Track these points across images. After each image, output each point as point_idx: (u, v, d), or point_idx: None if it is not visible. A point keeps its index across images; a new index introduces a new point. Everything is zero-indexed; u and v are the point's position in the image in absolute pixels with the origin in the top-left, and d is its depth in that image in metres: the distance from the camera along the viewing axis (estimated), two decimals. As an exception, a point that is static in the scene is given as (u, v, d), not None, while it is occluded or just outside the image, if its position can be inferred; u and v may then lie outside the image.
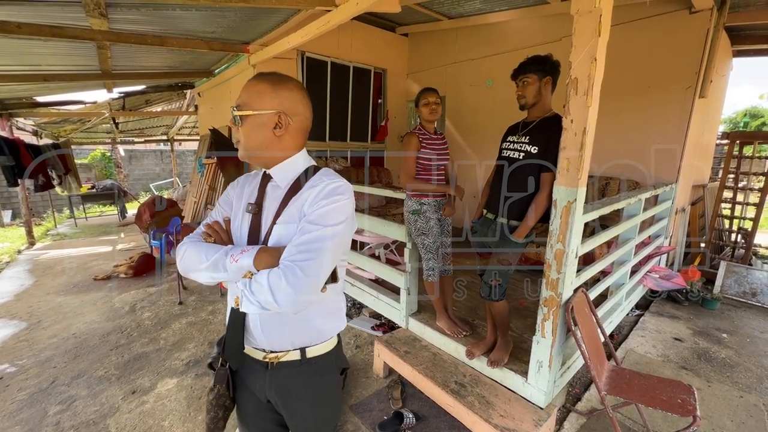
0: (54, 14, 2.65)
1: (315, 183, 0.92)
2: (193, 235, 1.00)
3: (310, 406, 1.02)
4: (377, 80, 5.45)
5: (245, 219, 0.98)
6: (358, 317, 3.31)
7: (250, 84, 0.93)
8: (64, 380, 2.51)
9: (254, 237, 0.95)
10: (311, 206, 0.88)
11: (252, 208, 0.96)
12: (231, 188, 1.06)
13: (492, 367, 2.02)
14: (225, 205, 1.04)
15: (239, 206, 1.01)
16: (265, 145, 0.93)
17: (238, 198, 1.02)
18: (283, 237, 0.90)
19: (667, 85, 3.31)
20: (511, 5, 3.93)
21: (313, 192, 0.89)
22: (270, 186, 0.98)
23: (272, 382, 0.99)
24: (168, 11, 2.83)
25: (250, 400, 1.05)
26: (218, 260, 0.88)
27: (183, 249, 0.95)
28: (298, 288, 0.80)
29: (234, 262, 0.86)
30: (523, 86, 1.84)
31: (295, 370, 0.98)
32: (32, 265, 5.15)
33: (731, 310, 3.49)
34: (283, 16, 3.35)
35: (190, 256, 0.93)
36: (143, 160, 12.26)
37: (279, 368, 0.98)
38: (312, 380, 1.00)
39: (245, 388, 1.04)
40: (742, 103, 61.32)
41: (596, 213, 2.02)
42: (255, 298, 0.83)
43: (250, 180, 1.05)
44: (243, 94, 0.92)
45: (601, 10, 1.39)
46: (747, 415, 2.12)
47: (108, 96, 5.35)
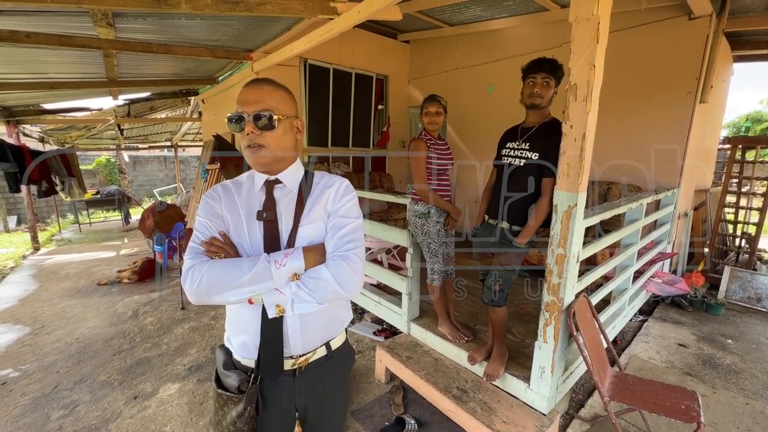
0: (62, 24, 2.70)
1: (328, 183, 1.02)
2: (195, 255, 0.91)
3: (336, 400, 1.09)
4: (379, 86, 5.50)
5: (254, 227, 0.95)
6: (359, 323, 3.31)
7: (268, 89, 0.92)
8: (66, 385, 2.52)
9: (273, 243, 0.94)
10: (336, 203, 0.98)
11: (268, 215, 0.95)
12: (213, 201, 0.97)
13: (488, 380, 2.01)
14: (216, 219, 0.96)
15: (238, 217, 0.96)
16: (291, 147, 0.98)
17: (231, 210, 0.97)
18: (313, 235, 0.96)
19: (667, 91, 3.32)
20: (512, 12, 3.97)
21: (332, 190, 0.99)
22: (278, 191, 0.98)
23: (301, 387, 1.00)
24: (173, 20, 2.89)
25: (272, 418, 1.00)
26: (261, 270, 0.85)
27: (200, 272, 0.87)
28: (360, 272, 0.93)
29: (282, 267, 0.86)
30: (543, 86, 1.75)
31: (322, 367, 1.02)
32: (37, 270, 5.19)
33: (736, 315, 3.46)
34: (286, 25, 3.40)
35: (217, 277, 0.86)
36: (147, 166, 12.35)
37: (307, 370, 1.00)
38: (337, 372, 1.07)
39: (267, 405, 0.99)
40: (743, 108, 61.06)
41: (597, 218, 2.02)
42: (314, 295, 0.89)
43: (240, 190, 1.00)
44: (268, 99, 0.91)
45: (599, 17, 1.41)
46: (753, 422, 2.10)
47: (113, 103, 5.44)
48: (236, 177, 1.04)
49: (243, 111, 0.90)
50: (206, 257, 0.91)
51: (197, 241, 0.94)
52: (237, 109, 0.92)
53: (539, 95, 1.76)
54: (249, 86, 0.93)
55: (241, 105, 0.91)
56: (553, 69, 1.75)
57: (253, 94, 0.91)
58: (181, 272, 4.05)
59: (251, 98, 0.91)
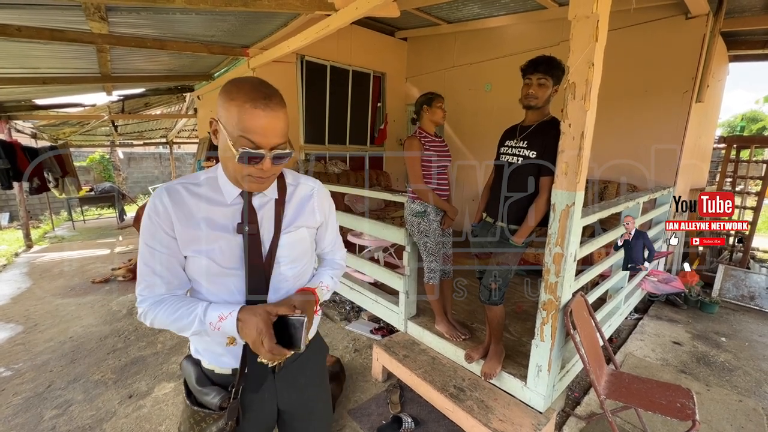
0: (54, 17, 2.65)
1: (306, 189, 1.00)
2: (143, 297, 0.85)
3: (319, 386, 1.11)
4: (376, 84, 5.47)
5: (226, 240, 0.86)
6: (356, 321, 3.30)
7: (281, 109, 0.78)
8: (60, 384, 2.49)
9: (256, 256, 0.88)
10: (323, 204, 1.03)
11: (251, 229, 0.86)
12: (158, 218, 0.82)
13: (485, 379, 2.02)
14: (170, 245, 0.83)
15: (198, 230, 0.84)
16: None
17: (188, 221, 0.84)
18: (294, 242, 0.94)
19: (664, 90, 3.33)
20: (510, 10, 3.96)
21: (316, 192, 1.01)
22: (257, 199, 0.89)
23: (283, 383, 0.99)
24: (168, 15, 2.85)
25: (252, 422, 0.96)
26: (199, 329, 0.83)
27: (152, 316, 0.84)
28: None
29: (215, 330, 0.82)
30: (538, 86, 1.74)
31: (299, 359, 1.02)
32: (29, 268, 5.12)
33: (729, 313, 3.50)
34: (282, 20, 3.37)
35: (169, 324, 0.84)
36: (142, 162, 12.24)
37: (285, 365, 0.98)
38: (313, 362, 1.08)
39: (246, 412, 0.95)
40: (736, 107, 61.51)
41: (594, 216, 2.03)
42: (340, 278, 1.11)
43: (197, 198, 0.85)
44: (283, 125, 0.79)
45: (598, 15, 1.40)
46: (746, 419, 2.12)
47: (107, 99, 5.37)
48: (189, 176, 0.90)
49: (260, 146, 0.76)
50: (155, 294, 0.85)
51: (144, 272, 0.84)
52: (250, 138, 0.75)
53: (534, 96, 1.76)
54: (259, 105, 0.74)
55: (257, 135, 0.75)
56: (549, 68, 1.72)
57: (270, 119, 0.76)
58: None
59: (269, 126, 0.76)
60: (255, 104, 0.74)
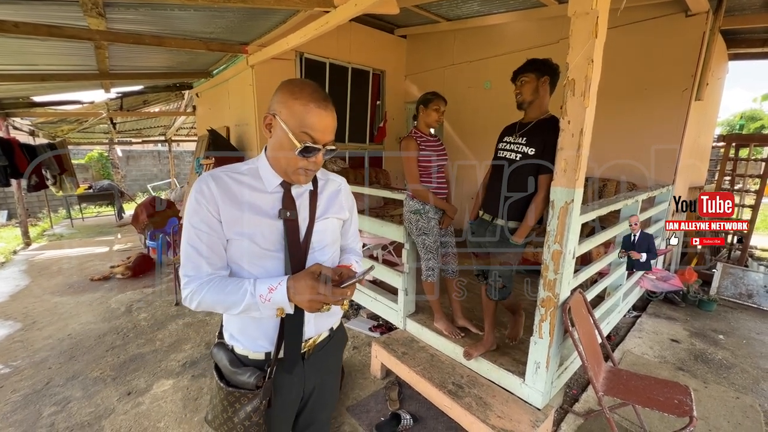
0: (51, 13, 2.64)
1: (334, 184, 1.10)
2: (189, 278, 0.89)
3: (334, 372, 1.16)
4: (375, 81, 5.45)
5: (267, 224, 0.92)
6: (355, 318, 3.30)
7: (332, 116, 0.89)
8: (58, 381, 2.49)
9: (295, 240, 0.95)
10: (348, 200, 1.13)
11: (291, 214, 0.95)
12: (205, 201, 0.87)
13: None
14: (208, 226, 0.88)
15: (241, 213, 0.90)
16: None
17: (232, 204, 0.89)
18: (326, 230, 1.03)
19: (663, 88, 3.32)
20: (509, 8, 3.95)
21: (343, 188, 1.11)
22: (295, 189, 0.98)
23: (310, 368, 1.04)
24: (166, 11, 2.83)
25: (280, 405, 1.00)
26: (249, 305, 0.88)
27: (198, 296, 0.87)
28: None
29: (266, 302, 0.88)
30: (520, 85, 1.87)
31: (326, 346, 1.08)
32: (28, 265, 5.12)
33: (727, 311, 3.51)
34: (281, 17, 3.35)
35: (216, 305, 0.89)
36: (141, 160, 12.21)
37: (314, 352, 1.05)
38: (336, 350, 1.14)
39: (277, 394, 0.99)
40: (735, 106, 61.64)
41: (593, 214, 2.02)
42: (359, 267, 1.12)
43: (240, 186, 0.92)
44: (334, 127, 0.90)
45: (597, 12, 1.39)
46: (743, 416, 2.13)
47: (105, 96, 5.33)
48: (229, 166, 0.96)
49: (318, 141, 0.87)
50: (202, 275, 0.88)
51: (191, 253, 0.88)
52: (311, 134, 0.86)
53: (518, 94, 1.88)
54: (321, 105, 0.86)
55: (317, 131, 0.86)
56: (527, 67, 1.85)
57: (330, 119, 0.88)
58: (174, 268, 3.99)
59: (328, 125, 0.88)
60: (319, 104, 0.85)
